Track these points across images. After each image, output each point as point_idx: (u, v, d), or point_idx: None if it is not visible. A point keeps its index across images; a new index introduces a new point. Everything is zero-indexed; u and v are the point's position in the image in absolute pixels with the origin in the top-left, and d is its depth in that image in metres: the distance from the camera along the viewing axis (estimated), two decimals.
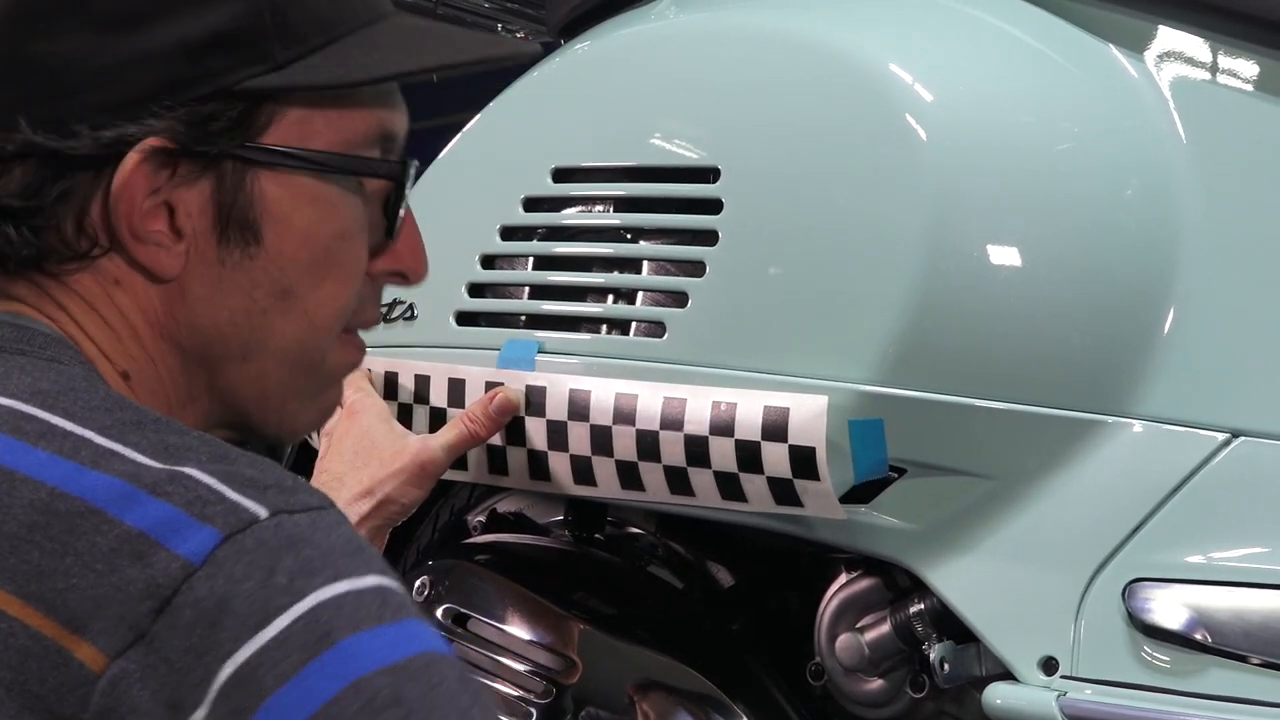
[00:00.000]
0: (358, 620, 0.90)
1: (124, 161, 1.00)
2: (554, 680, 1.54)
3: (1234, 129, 1.43)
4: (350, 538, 0.93)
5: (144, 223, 1.01)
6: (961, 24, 1.48)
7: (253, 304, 1.05)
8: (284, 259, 1.05)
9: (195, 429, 1.03)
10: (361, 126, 1.07)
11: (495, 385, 1.47)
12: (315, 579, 0.90)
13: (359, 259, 1.09)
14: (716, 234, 1.43)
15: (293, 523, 0.91)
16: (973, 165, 1.37)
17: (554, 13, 1.82)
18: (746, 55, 1.49)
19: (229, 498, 0.91)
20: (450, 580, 1.62)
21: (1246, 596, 1.29)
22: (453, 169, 1.69)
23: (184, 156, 1.01)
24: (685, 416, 1.36)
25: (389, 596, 0.92)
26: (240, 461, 0.94)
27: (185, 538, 0.90)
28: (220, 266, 1.04)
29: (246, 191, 1.03)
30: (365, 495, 1.44)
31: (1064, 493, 1.35)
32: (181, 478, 0.92)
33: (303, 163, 1.04)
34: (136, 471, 0.92)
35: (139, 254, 1.02)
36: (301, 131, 1.04)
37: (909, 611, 1.42)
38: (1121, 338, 1.36)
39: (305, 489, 0.94)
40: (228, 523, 0.90)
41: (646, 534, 1.69)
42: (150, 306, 1.04)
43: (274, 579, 0.89)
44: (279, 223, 1.04)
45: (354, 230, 1.08)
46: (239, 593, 0.89)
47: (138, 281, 1.03)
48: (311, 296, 1.07)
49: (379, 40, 1.07)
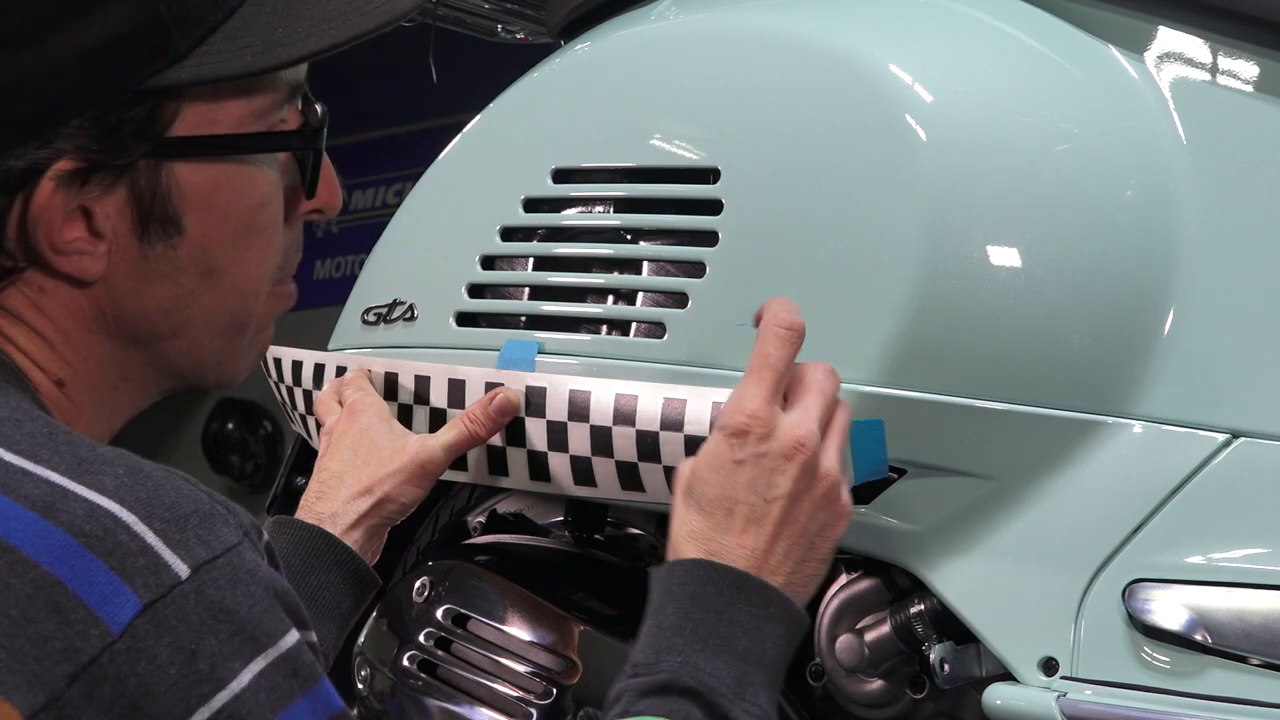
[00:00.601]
0: (273, 706, 0.92)
1: (38, 189, 0.99)
2: (554, 681, 1.54)
3: (1234, 129, 1.43)
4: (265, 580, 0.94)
5: (62, 235, 1.00)
6: (961, 24, 1.48)
7: (179, 288, 1.05)
8: (207, 241, 1.05)
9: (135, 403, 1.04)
10: (270, 94, 1.05)
11: (495, 386, 1.47)
12: (236, 661, 0.91)
13: (278, 219, 1.09)
14: (717, 235, 1.43)
15: (214, 585, 0.91)
16: (972, 166, 1.37)
17: (554, 13, 1.82)
18: (746, 56, 1.49)
19: (150, 546, 0.90)
20: (450, 581, 1.62)
21: (1246, 597, 1.29)
22: (453, 170, 1.69)
23: (96, 170, 1.00)
24: (686, 417, 1.36)
25: (298, 661, 0.94)
26: (155, 478, 0.93)
27: (104, 596, 0.89)
28: (144, 261, 1.03)
29: (163, 187, 1.02)
30: (364, 494, 1.44)
31: (1064, 493, 1.35)
32: (100, 515, 0.91)
33: (216, 149, 1.03)
34: (52, 501, 0.91)
35: (62, 265, 1.01)
36: (210, 116, 1.03)
37: (909, 612, 1.42)
38: (1121, 338, 1.36)
39: (221, 515, 0.94)
40: (148, 586, 0.90)
41: (646, 535, 1.69)
42: (78, 307, 1.03)
43: (196, 665, 0.90)
44: (198, 209, 1.03)
45: (271, 195, 1.07)
46: (161, 679, 0.89)
47: (62, 288, 1.03)
48: (236, 268, 1.06)
49: (277, 7, 1.04)
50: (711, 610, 1.16)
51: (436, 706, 1.59)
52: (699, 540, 1.19)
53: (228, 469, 6.33)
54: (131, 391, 1.08)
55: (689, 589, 1.17)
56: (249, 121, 1.05)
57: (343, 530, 1.43)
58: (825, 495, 1.20)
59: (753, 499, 1.18)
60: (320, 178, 1.10)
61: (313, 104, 1.10)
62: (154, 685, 0.89)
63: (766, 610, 1.17)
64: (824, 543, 1.21)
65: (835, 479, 1.20)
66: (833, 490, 1.20)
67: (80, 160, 0.99)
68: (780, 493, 1.18)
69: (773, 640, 1.17)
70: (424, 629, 1.61)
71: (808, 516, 1.19)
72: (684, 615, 1.16)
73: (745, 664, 1.15)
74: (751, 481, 1.19)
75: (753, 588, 1.17)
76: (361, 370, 1.56)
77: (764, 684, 1.16)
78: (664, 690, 1.13)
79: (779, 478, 1.19)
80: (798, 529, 1.19)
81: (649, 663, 1.15)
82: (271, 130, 1.07)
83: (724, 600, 1.16)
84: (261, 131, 1.06)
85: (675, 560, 1.20)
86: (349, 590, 1.43)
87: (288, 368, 1.66)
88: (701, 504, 1.20)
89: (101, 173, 1.00)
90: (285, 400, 1.70)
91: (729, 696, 1.13)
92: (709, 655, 1.14)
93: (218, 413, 6.38)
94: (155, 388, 1.09)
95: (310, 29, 1.05)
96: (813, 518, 1.20)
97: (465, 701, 1.58)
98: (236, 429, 6.35)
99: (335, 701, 0.96)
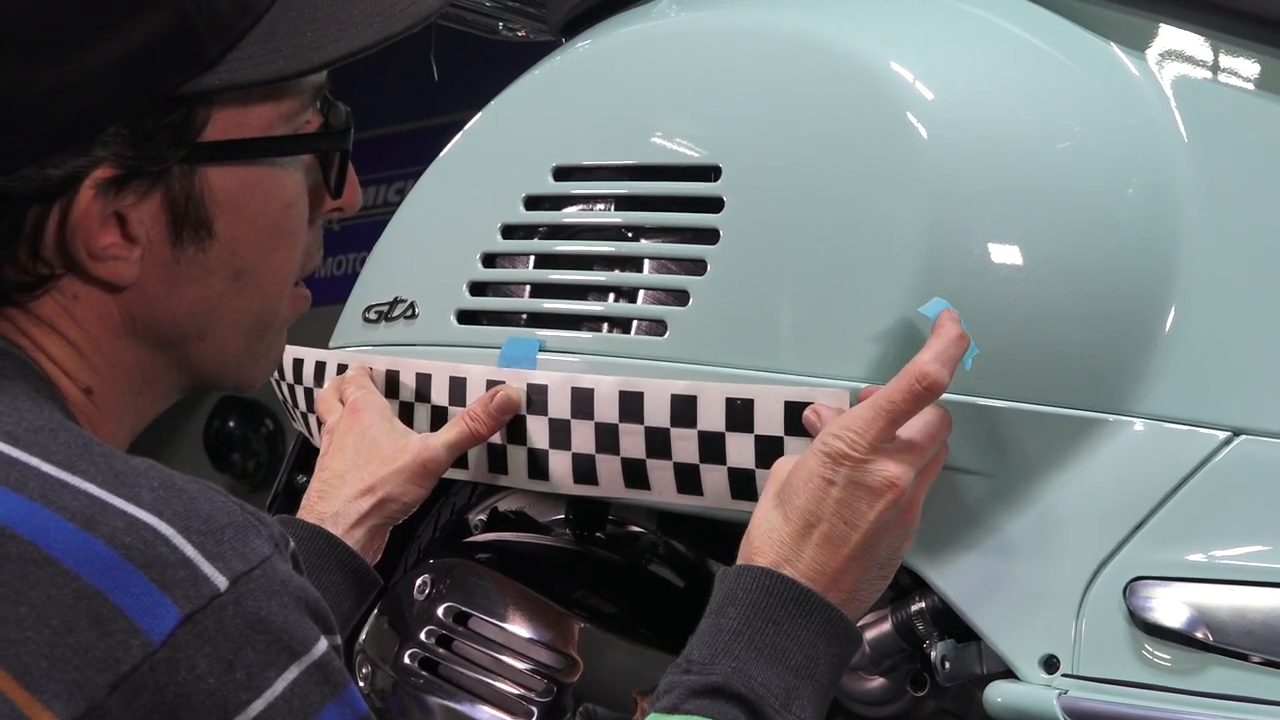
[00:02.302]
0: (305, 712, 0.94)
1: (78, 197, 1.00)
2: (555, 678, 1.54)
3: (1235, 127, 1.43)
4: (297, 590, 0.96)
5: (99, 241, 1.02)
6: (962, 22, 1.48)
7: (209, 291, 1.06)
8: (236, 243, 1.06)
9: (156, 407, 1.06)
10: (297, 98, 1.07)
11: (496, 384, 1.47)
12: (271, 670, 0.93)
13: (304, 220, 1.10)
14: (718, 232, 1.43)
15: (251, 597, 0.93)
16: (974, 163, 1.37)
17: (555, 11, 1.82)
18: (747, 53, 1.49)
19: (189, 559, 0.92)
20: (451, 579, 1.62)
21: (1248, 595, 1.29)
22: (454, 167, 1.69)
23: (134, 177, 1.01)
24: (699, 413, 1.36)
25: (328, 668, 0.96)
26: (190, 491, 0.95)
27: (145, 607, 0.90)
28: (176, 265, 1.05)
29: (196, 191, 1.03)
30: (366, 493, 1.44)
31: (1065, 491, 1.35)
32: (140, 528, 0.92)
33: (248, 152, 1.05)
34: (92, 514, 0.92)
35: (98, 271, 1.02)
36: (240, 120, 1.04)
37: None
38: (1123, 336, 1.36)
39: (254, 526, 0.95)
40: (188, 597, 0.91)
41: (648, 532, 1.68)
42: (109, 313, 1.05)
43: (234, 674, 0.92)
44: (229, 212, 1.05)
45: (297, 196, 1.09)
46: (200, 689, 0.91)
47: (95, 293, 1.04)
48: (263, 270, 1.08)
49: (304, 12, 1.05)
50: (772, 621, 1.20)
51: (438, 704, 1.59)
52: (775, 546, 1.23)
53: (229, 466, 6.34)
54: (154, 395, 1.09)
55: (754, 596, 1.20)
56: (277, 125, 1.06)
57: (345, 530, 1.43)
58: (905, 529, 1.25)
59: (836, 521, 1.23)
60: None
61: (335, 105, 1.11)
62: (193, 694, 0.90)
63: (825, 629, 1.21)
64: (891, 567, 1.27)
65: (915, 517, 1.26)
66: (910, 524, 1.26)
67: (118, 167, 1.00)
68: (864, 522, 1.23)
69: (826, 659, 1.21)
70: (425, 627, 1.61)
71: (886, 546, 1.25)
72: (744, 622, 1.19)
73: (797, 678, 1.18)
74: (839, 504, 1.23)
75: (815, 606, 1.21)
76: (363, 368, 1.56)
77: (811, 699, 1.19)
78: (715, 692, 1.17)
79: (865, 508, 1.23)
80: (872, 558, 1.24)
81: (703, 662, 1.18)
82: (299, 133, 1.08)
83: (785, 614, 1.20)
84: (291, 134, 1.07)
85: (745, 565, 1.23)
86: (350, 590, 1.43)
87: (289, 365, 1.66)
88: (787, 510, 1.24)
89: (138, 179, 1.01)
90: (286, 398, 1.70)
91: (775, 707, 1.17)
92: (762, 665, 1.18)
93: (219, 410, 6.39)
94: (176, 390, 1.11)
95: (339, 33, 1.06)
96: (889, 546, 1.25)
97: (466, 699, 1.58)
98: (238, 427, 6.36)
99: (360, 705, 0.98)
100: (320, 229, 1.14)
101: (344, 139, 1.10)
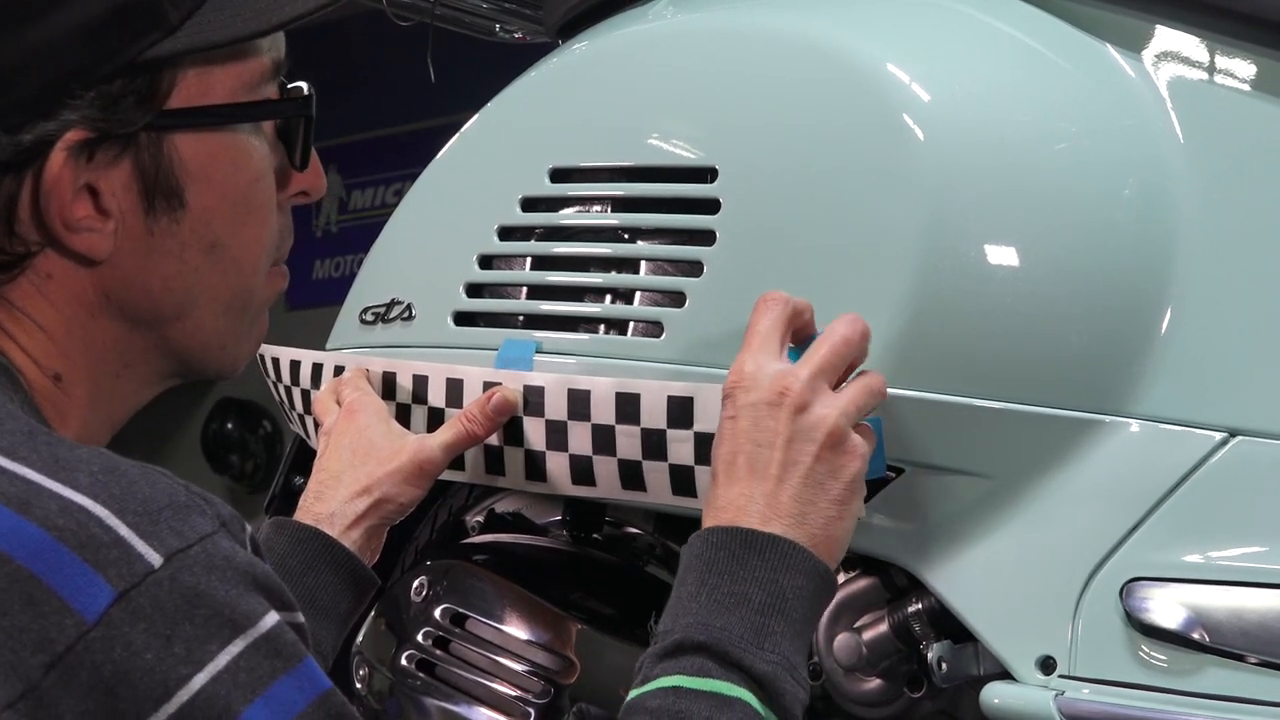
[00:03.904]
0: (254, 686, 0.93)
1: (50, 160, 1.01)
2: (552, 680, 1.54)
3: (1231, 128, 1.43)
4: (243, 565, 0.95)
5: (73, 212, 1.03)
6: (958, 23, 1.48)
7: (183, 265, 1.07)
8: (208, 214, 1.07)
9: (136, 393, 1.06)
10: (257, 67, 1.09)
11: (493, 385, 1.47)
12: (212, 644, 0.92)
13: (272, 195, 1.12)
14: (714, 234, 1.43)
15: (188, 571, 0.92)
16: (970, 164, 1.37)
17: (552, 13, 1.82)
18: (744, 55, 1.49)
19: (122, 538, 0.91)
20: (448, 580, 1.62)
21: (1244, 596, 1.29)
22: (451, 169, 1.69)
23: (103, 141, 1.02)
24: (694, 414, 1.36)
25: (280, 641, 0.94)
26: (130, 474, 0.94)
27: (78, 587, 0.90)
28: (149, 236, 1.06)
29: (165, 158, 1.05)
30: (362, 494, 1.44)
31: (1062, 492, 1.35)
32: (74, 510, 0.92)
33: (213, 118, 1.06)
34: (27, 498, 0.92)
35: (73, 243, 1.04)
36: (203, 87, 1.06)
37: (907, 611, 1.42)
38: (1119, 337, 1.36)
39: (197, 505, 0.95)
40: (121, 575, 0.91)
41: (645, 534, 1.69)
42: (83, 291, 1.06)
43: (172, 649, 0.91)
44: (199, 181, 1.06)
45: (264, 170, 1.11)
46: (138, 665, 0.90)
47: (69, 270, 1.05)
48: (236, 244, 1.09)
49: None
50: (725, 573, 1.18)
51: (435, 706, 1.59)
52: (714, 507, 1.23)
53: (227, 468, 6.34)
54: (133, 380, 1.09)
55: (705, 556, 1.20)
56: (240, 93, 1.08)
57: (341, 531, 1.43)
58: (828, 436, 1.22)
59: (749, 447, 1.22)
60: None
61: (296, 85, 1.14)
62: (130, 671, 0.90)
63: (783, 563, 1.19)
64: (836, 484, 1.23)
65: (833, 421, 1.23)
66: (835, 432, 1.23)
67: (88, 129, 1.02)
68: (777, 436, 1.22)
69: (793, 592, 1.18)
70: (422, 628, 1.61)
71: (811, 458, 1.22)
72: (700, 583, 1.18)
73: (763, 616, 1.16)
74: (748, 431, 1.23)
75: (765, 543, 1.19)
76: (359, 370, 1.56)
77: (787, 634, 1.17)
78: (676, 650, 1.16)
79: (770, 422, 1.22)
80: (802, 470, 1.22)
81: (665, 631, 1.18)
82: (264, 99, 1.10)
83: (735, 560, 1.18)
84: (255, 101, 1.09)
85: (693, 534, 1.22)
86: (347, 591, 1.43)
87: (286, 367, 1.66)
88: (715, 471, 1.24)
89: (108, 143, 1.03)
90: (283, 399, 1.70)
91: (743, 646, 1.15)
92: (722, 612, 1.16)
93: (217, 412, 6.39)
94: (156, 375, 1.11)
95: None
96: (817, 459, 1.22)
97: (463, 701, 1.58)
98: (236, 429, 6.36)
99: (321, 680, 0.96)
100: (289, 213, 1.16)
101: (306, 106, 1.12)
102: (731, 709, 1.13)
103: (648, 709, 1.14)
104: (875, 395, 1.27)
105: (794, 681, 1.16)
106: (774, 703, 1.15)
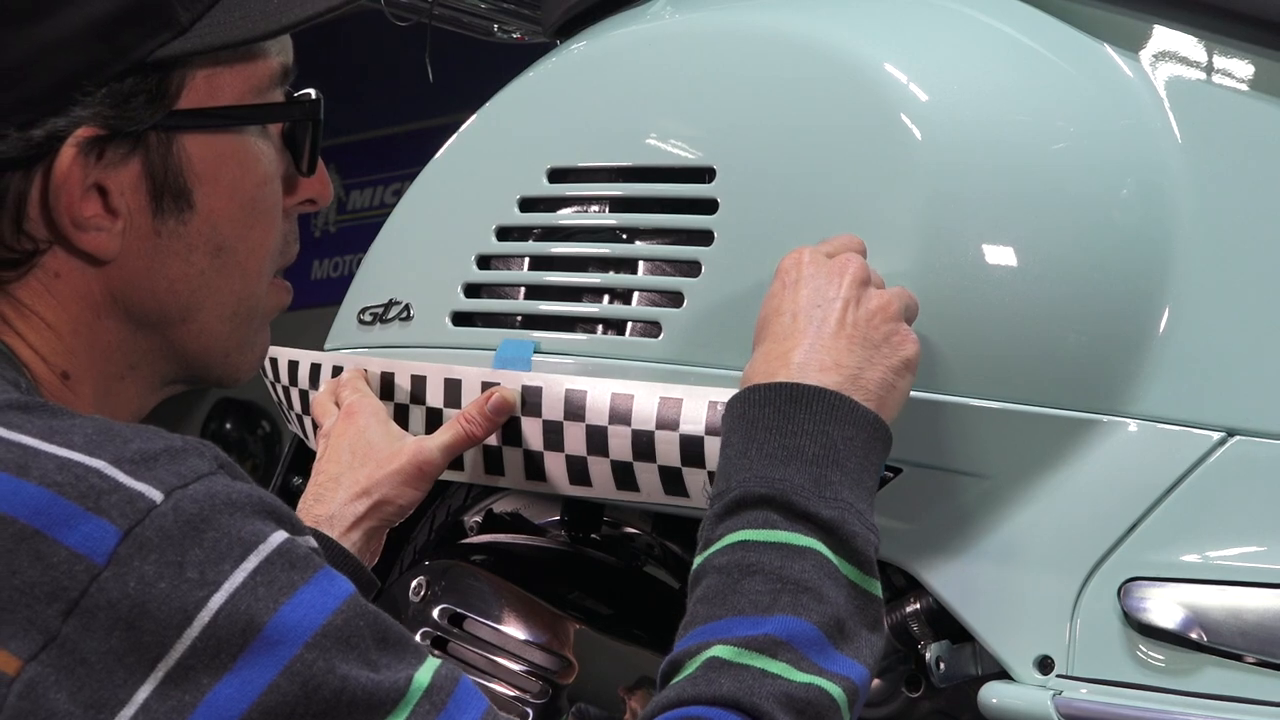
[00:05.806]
0: (275, 596, 0.93)
1: (59, 156, 1.02)
2: (550, 680, 1.54)
3: (1229, 128, 1.43)
4: (245, 495, 0.95)
5: (82, 210, 1.03)
6: (956, 23, 1.48)
7: (190, 267, 1.08)
8: (216, 217, 1.08)
9: (141, 396, 1.07)
10: (265, 70, 1.09)
11: (491, 385, 1.47)
12: (225, 563, 0.92)
13: (278, 200, 1.12)
14: (712, 234, 1.43)
15: (190, 499, 0.93)
16: (968, 164, 1.37)
17: (550, 13, 1.82)
18: (742, 55, 1.49)
19: (122, 484, 0.92)
20: (447, 580, 1.62)
21: (1242, 595, 1.29)
22: (449, 169, 1.69)
23: (113, 139, 1.03)
24: (682, 416, 1.36)
25: (293, 554, 0.94)
26: (125, 433, 0.95)
27: (84, 534, 0.91)
28: (157, 237, 1.06)
29: (174, 159, 1.05)
30: (362, 495, 1.44)
31: (1059, 492, 1.35)
32: (71, 466, 0.93)
33: (222, 120, 1.07)
34: (25, 461, 0.93)
35: (82, 242, 1.04)
36: (212, 89, 1.07)
37: (905, 611, 1.42)
38: (1117, 337, 1.36)
39: (194, 450, 0.96)
40: (124, 515, 0.92)
41: (643, 534, 1.69)
42: (89, 291, 1.06)
43: (185, 574, 0.91)
44: (207, 183, 1.07)
45: (272, 174, 1.11)
46: (153, 595, 0.91)
47: (77, 269, 1.05)
48: (242, 247, 1.09)
49: None
50: (773, 428, 1.17)
51: None
52: (756, 367, 1.22)
53: None
54: (138, 382, 1.10)
55: (748, 415, 1.18)
56: (249, 96, 1.09)
57: (341, 533, 1.43)
58: (882, 308, 1.24)
59: (807, 307, 1.23)
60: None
61: (305, 91, 1.14)
62: (147, 602, 0.91)
63: (831, 414, 1.17)
64: (890, 353, 1.23)
65: (890, 300, 1.24)
66: (890, 306, 1.24)
67: (99, 126, 1.02)
68: (835, 298, 1.23)
69: (844, 442, 1.17)
70: (420, 628, 1.61)
71: (865, 321, 1.23)
72: (748, 440, 1.17)
73: (819, 467, 1.15)
74: (808, 296, 1.24)
75: (811, 396, 1.18)
76: (358, 370, 1.56)
77: (845, 483, 1.16)
78: (737, 507, 1.14)
79: (830, 287, 1.24)
80: (858, 331, 1.22)
81: (720, 491, 1.16)
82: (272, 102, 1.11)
83: (783, 416, 1.17)
84: (263, 103, 1.09)
85: (732, 396, 1.21)
86: None
87: (284, 367, 1.66)
88: (763, 339, 1.24)
89: (117, 141, 1.03)
90: (282, 400, 1.70)
91: (805, 495, 1.13)
92: (777, 465, 1.15)
93: (216, 412, 6.39)
94: (161, 379, 1.11)
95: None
96: (870, 323, 1.23)
97: None
98: (235, 429, 6.36)
99: (345, 584, 0.96)
100: (295, 221, 1.16)
101: (315, 109, 1.13)
102: (804, 558, 1.12)
103: (715, 567, 1.12)
104: (915, 309, 1.29)
105: (863, 525, 1.15)
106: (845, 547, 1.13)
